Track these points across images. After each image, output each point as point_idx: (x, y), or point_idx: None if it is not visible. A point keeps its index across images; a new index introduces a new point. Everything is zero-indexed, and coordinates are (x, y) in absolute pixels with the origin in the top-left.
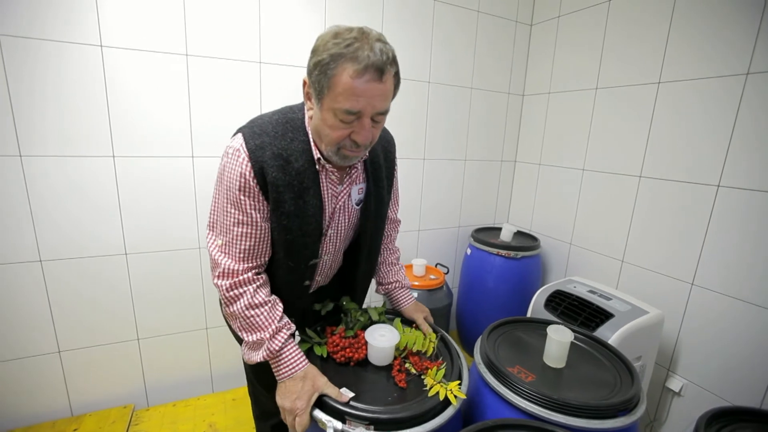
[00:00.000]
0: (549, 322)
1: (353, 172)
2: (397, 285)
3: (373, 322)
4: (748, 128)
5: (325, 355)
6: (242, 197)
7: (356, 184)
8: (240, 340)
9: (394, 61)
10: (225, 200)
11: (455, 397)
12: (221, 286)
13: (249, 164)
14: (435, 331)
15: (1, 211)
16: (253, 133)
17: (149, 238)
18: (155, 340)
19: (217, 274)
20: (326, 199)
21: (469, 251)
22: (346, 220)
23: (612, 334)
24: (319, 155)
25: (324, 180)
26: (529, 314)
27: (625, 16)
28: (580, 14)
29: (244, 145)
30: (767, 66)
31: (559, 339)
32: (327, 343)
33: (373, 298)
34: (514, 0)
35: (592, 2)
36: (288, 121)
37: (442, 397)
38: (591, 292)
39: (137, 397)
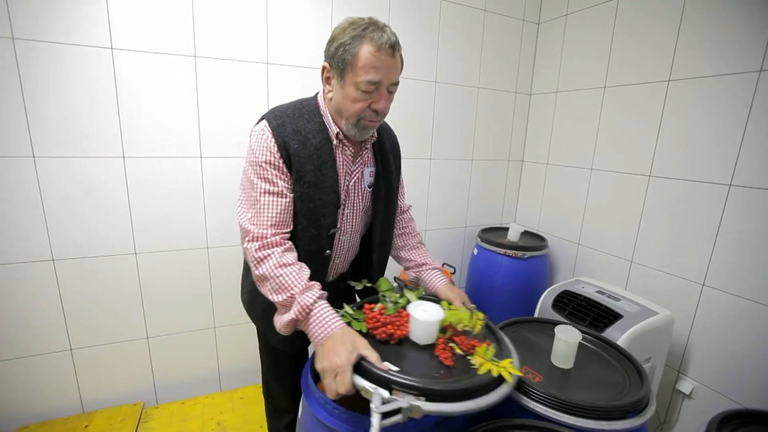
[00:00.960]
0: (557, 323)
1: (364, 153)
2: (426, 267)
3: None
4: (762, 126)
5: (364, 331)
6: (269, 168)
7: (367, 166)
8: (261, 319)
9: (399, 43)
10: (253, 175)
11: (510, 374)
12: (250, 248)
13: (273, 140)
14: (470, 310)
15: (14, 211)
16: (275, 115)
17: (158, 238)
18: (164, 338)
19: (247, 239)
20: (341, 174)
21: (475, 251)
22: (360, 201)
23: (621, 335)
24: (337, 130)
25: (339, 156)
26: (536, 315)
27: (634, 13)
28: (588, 12)
29: (267, 125)
30: None
31: (566, 339)
32: (366, 320)
33: None
34: None
35: (601, 0)
36: (303, 106)
37: (495, 374)
38: (599, 292)
39: (147, 394)
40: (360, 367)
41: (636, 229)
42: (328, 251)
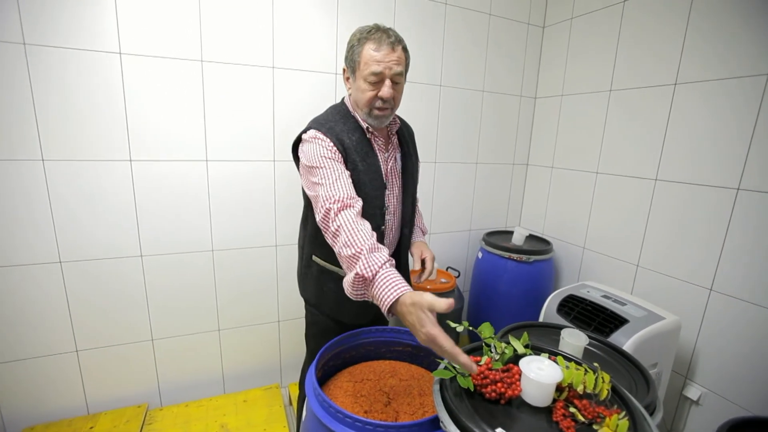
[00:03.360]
0: (562, 327)
1: (392, 140)
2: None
3: (517, 355)
4: None
5: (472, 389)
6: (330, 161)
7: (397, 152)
8: (334, 303)
9: (401, 40)
10: (317, 168)
11: None
12: (332, 208)
13: (329, 140)
14: (594, 369)
15: (23, 214)
16: (320, 123)
17: (164, 241)
18: (169, 341)
19: (329, 202)
20: (381, 161)
21: (480, 255)
22: (397, 182)
23: (627, 340)
24: (366, 124)
25: (375, 146)
26: (541, 319)
27: (640, 17)
28: (593, 16)
29: (317, 132)
30: None
31: (573, 343)
32: (472, 375)
33: None
34: (526, 2)
35: (607, 3)
36: (338, 112)
37: None
38: (605, 297)
39: (151, 396)
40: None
41: (642, 233)
42: (382, 227)
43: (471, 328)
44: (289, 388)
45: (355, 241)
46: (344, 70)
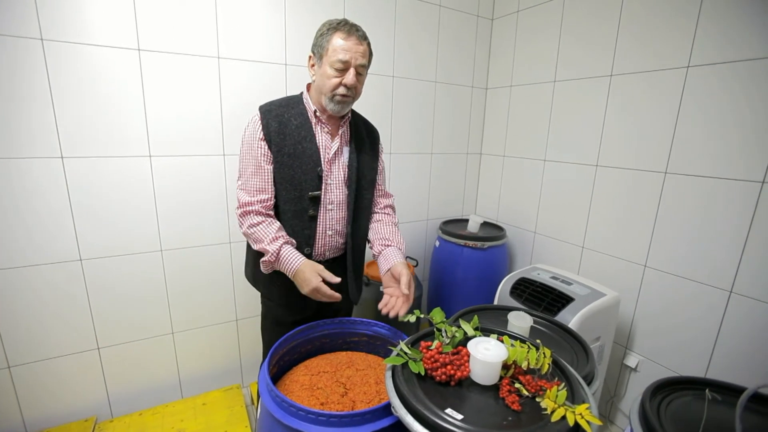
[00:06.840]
0: (512, 309)
1: (342, 132)
2: (386, 243)
3: (468, 338)
4: (691, 117)
5: (423, 373)
6: (253, 145)
7: (347, 145)
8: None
9: (367, 38)
10: (243, 151)
11: (588, 423)
12: (237, 212)
13: (260, 122)
14: (536, 346)
15: None
16: (265, 105)
17: (106, 243)
18: (118, 348)
19: (236, 206)
20: (321, 148)
21: (437, 243)
22: (342, 174)
23: (572, 317)
24: (315, 108)
25: (319, 133)
26: (495, 302)
27: (579, 11)
28: (537, 9)
29: (259, 112)
30: (704, 60)
31: (519, 324)
32: (424, 359)
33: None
34: None
35: None
36: (290, 98)
37: (572, 423)
38: (553, 278)
39: (100, 408)
40: (425, 419)
41: (586, 216)
42: (311, 212)
43: (422, 315)
44: (251, 387)
45: (258, 238)
46: (310, 57)
